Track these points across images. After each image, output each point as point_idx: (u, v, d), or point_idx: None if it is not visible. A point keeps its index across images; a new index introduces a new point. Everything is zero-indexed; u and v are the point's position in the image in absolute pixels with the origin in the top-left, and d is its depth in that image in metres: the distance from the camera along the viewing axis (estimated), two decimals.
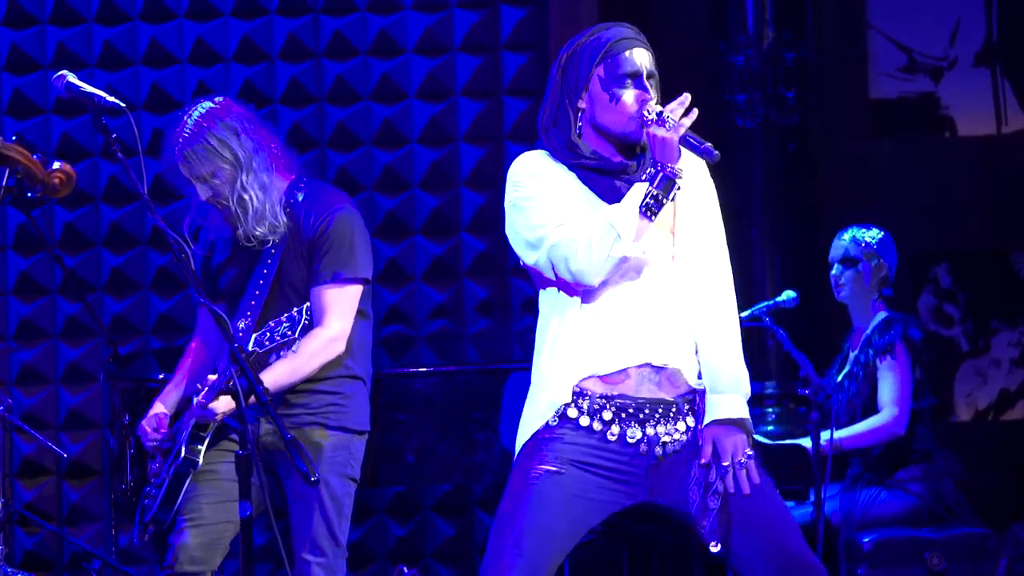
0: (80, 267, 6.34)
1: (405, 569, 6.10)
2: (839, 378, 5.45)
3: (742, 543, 3.29)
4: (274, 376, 4.03)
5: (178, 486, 4.06)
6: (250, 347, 3.97)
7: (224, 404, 4.02)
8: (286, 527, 4.18)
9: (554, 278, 3.28)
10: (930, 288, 6.69)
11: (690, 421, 3.31)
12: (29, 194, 3.96)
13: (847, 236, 5.46)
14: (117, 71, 6.37)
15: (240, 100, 4.23)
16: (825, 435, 4.97)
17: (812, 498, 5.13)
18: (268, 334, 3.98)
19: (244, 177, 4.07)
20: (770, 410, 6.12)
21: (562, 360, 3.29)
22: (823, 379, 5.37)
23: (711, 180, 3.45)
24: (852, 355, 5.46)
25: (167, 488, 4.07)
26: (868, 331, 5.41)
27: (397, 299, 6.38)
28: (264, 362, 4.08)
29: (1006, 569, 5.24)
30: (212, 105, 4.13)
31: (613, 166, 3.32)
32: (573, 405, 3.28)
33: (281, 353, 4.06)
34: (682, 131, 3.23)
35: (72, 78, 3.63)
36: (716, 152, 3.25)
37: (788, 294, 5.23)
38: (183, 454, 4.04)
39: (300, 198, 4.18)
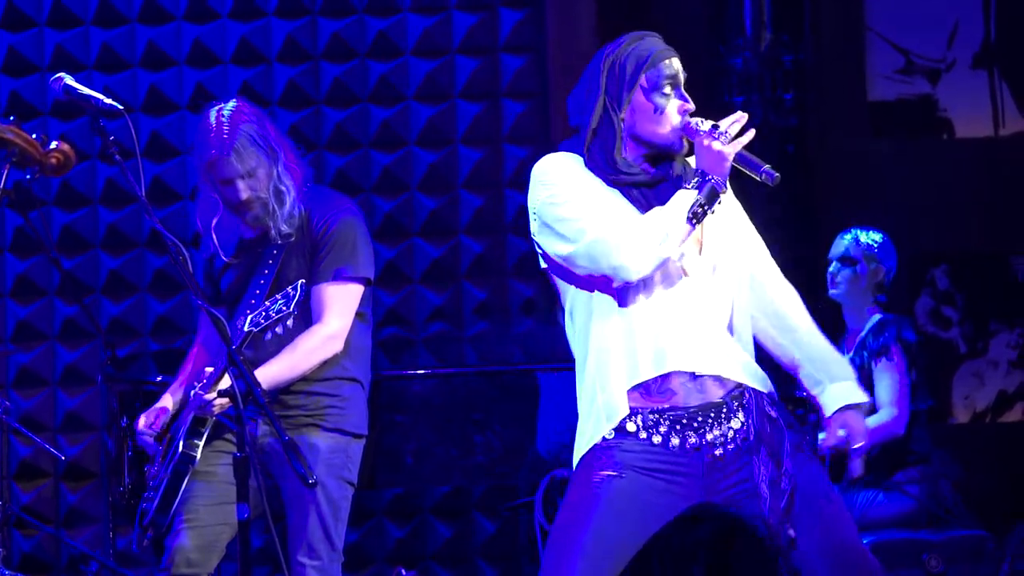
0: (78, 269, 6.34)
1: (404, 571, 6.10)
2: None
3: (806, 535, 3.30)
4: (271, 372, 4.03)
5: (176, 485, 4.06)
6: (246, 327, 3.97)
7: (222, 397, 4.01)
8: (284, 530, 4.18)
9: (586, 273, 3.28)
10: (928, 290, 6.69)
11: (741, 417, 3.33)
12: (27, 175, 3.95)
13: (849, 236, 5.47)
14: (115, 73, 6.37)
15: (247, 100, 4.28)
16: (822, 437, 4.96)
17: None
18: (263, 312, 3.98)
19: (278, 169, 4.12)
20: None
21: (611, 370, 3.30)
22: None
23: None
24: (846, 357, 5.46)
25: (165, 487, 4.07)
26: (863, 333, 5.42)
27: (395, 301, 6.38)
28: (260, 341, 4.08)
29: (1010, 567, 5.25)
30: (238, 103, 4.16)
31: (649, 178, 3.33)
32: (631, 420, 3.29)
33: (276, 330, 4.07)
34: (738, 147, 3.27)
35: (70, 80, 3.62)
36: (776, 174, 3.29)
37: None
38: (181, 448, 4.04)
39: (305, 199, 4.20)
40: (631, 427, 3.28)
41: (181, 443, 4.04)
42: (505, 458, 5.14)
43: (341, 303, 4.14)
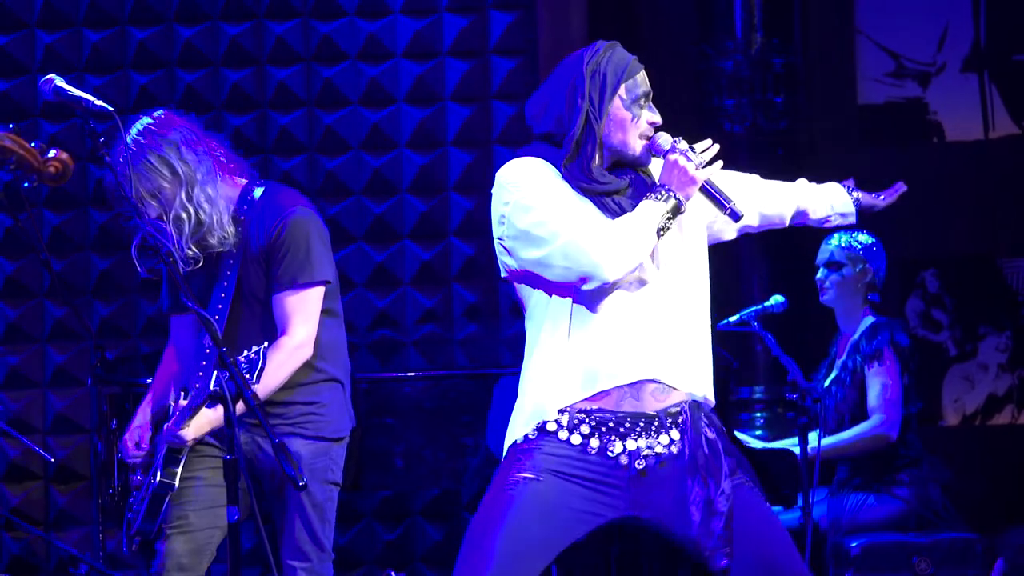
0: (68, 271, 6.33)
1: (393, 573, 6.10)
2: (827, 383, 5.45)
3: (741, 560, 3.27)
4: (217, 412, 3.95)
5: (158, 504, 4.05)
6: (211, 386, 3.94)
7: (195, 430, 4.00)
8: (273, 531, 4.18)
9: (561, 274, 3.25)
10: (918, 293, 6.70)
11: (674, 435, 3.28)
12: (25, 184, 3.94)
13: (834, 240, 5.47)
14: (106, 75, 6.36)
15: (180, 111, 4.14)
16: (813, 439, 4.97)
17: (800, 503, 5.13)
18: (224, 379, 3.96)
19: (186, 192, 4.00)
20: (758, 415, 6.12)
21: (547, 375, 3.28)
22: (811, 384, 5.37)
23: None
24: (839, 360, 5.46)
25: (148, 504, 4.07)
26: (856, 336, 5.41)
27: (386, 303, 6.38)
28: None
29: (1003, 574, 5.25)
30: (150, 121, 4.04)
31: (616, 187, 3.33)
32: (552, 420, 3.27)
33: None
34: (706, 175, 3.29)
35: (60, 82, 3.62)
36: (741, 213, 3.32)
37: (776, 299, 5.23)
38: (159, 478, 4.03)
39: (253, 203, 4.11)
40: (551, 426, 3.26)
41: (159, 473, 4.03)
42: (494, 461, 5.14)
43: (303, 311, 4.07)
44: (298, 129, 6.37)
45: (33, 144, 3.92)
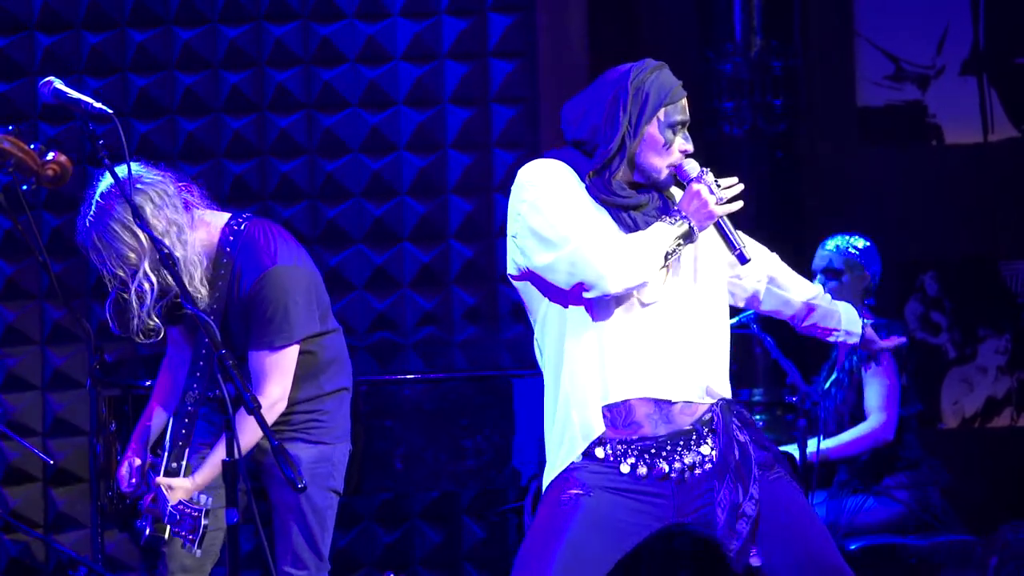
0: (66, 273, 6.33)
1: (392, 575, 6.10)
2: (826, 385, 5.46)
3: (777, 554, 3.29)
4: (220, 454, 3.91)
5: (155, 548, 4.06)
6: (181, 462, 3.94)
7: (174, 497, 3.93)
8: (272, 535, 4.18)
9: (564, 280, 3.26)
10: (917, 295, 6.70)
11: (711, 442, 3.34)
12: (24, 186, 3.93)
13: (831, 246, 5.45)
14: (105, 77, 6.36)
15: (144, 159, 4.01)
16: (812, 442, 4.97)
17: None
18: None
19: (151, 260, 3.85)
20: (757, 417, 6.12)
21: (586, 389, 3.30)
22: (810, 386, 5.37)
23: None
24: (838, 363, 5.46)
25: (147, 540, 4.06)
26: None
27: (385, 306, 6.37)
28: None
29: (995, 571, 5.25)
30: (112, 183, 3.85)
31: (635, 202, 3.35)
32: (599, 446, 3.30)
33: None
34: (725, 211, 3.31)
35: (59, 84, 3.61)
36: (749, 257, 3.34)
37: None
38: (148, 533, 4.01)
39: (237, 239, 4.02)
40: (600, 453, 3.30)
41: (148, 528, 4.01)
42: (494, 463, 5.14)
43: (277, 371, 4.02)
44: (297, 131, 6.37)
45: (32, 146, 3.91)
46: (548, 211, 3.28)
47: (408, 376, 5.54)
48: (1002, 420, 6.66)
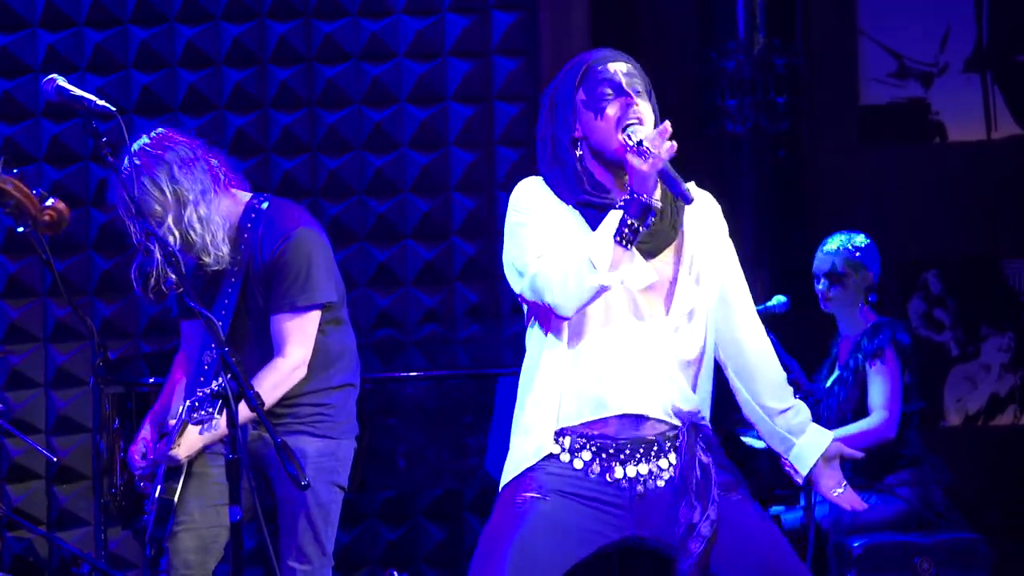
0: (70, 271, 6.33)
1: (396, 573, 6.10)
2: (829, 383, 5.45)
3: (738, 568, 3.27)
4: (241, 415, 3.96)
5: (164, 514, 4.07)
6: (213, 387, 3.95)
7: (186, 449, 4.02)
8: (276, 532, 4.18)
9: (537, 304, 3.22)
10: (920, 294, 6.70)
11: (672, 458, 3.28)
12: (19, 229, 4.00)
13: (832, 247, 5.43)
14: (108, 75, 6.36)
15: (178, 129, 4.16)
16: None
17: (802, 503, 5.13)
18: (197, 404, 3.98)
19: (175, 215, 4.01)
20: None
21: (547, 408, 3.27)
22: (813, 384, 5.37)
23: (723, 220, 3.39)
24: (841, 361, 5.46)
25: (155, 515, 4.08)
26: (858, 335, 5.41)
27: (388, 303, 6.38)
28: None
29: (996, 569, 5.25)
30: (145, 142, 4.05)
31: (609, 201, 3.23)
32: (561, 437, 3.26)
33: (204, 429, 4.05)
34: (660, 164, 3.10)
35: (62, 82, 3.62)
36: (692, 197, 3.14)
37: (779, 299, 5.23)
38: (159, 494, 4.04)
39: (258, 217, 4.12)
40: (555, 448, 3.25)
41: (158, 489, 4.04)
42: (496, 467, 5.14)
43: (299, 333, 4.08)
44: (300, 129, 6.37)
45: (34, 191, 3.96)
46: (518, 239, 3.27)
47: (411, 373, 5.55)
48: (1005, 418, 6.66)
